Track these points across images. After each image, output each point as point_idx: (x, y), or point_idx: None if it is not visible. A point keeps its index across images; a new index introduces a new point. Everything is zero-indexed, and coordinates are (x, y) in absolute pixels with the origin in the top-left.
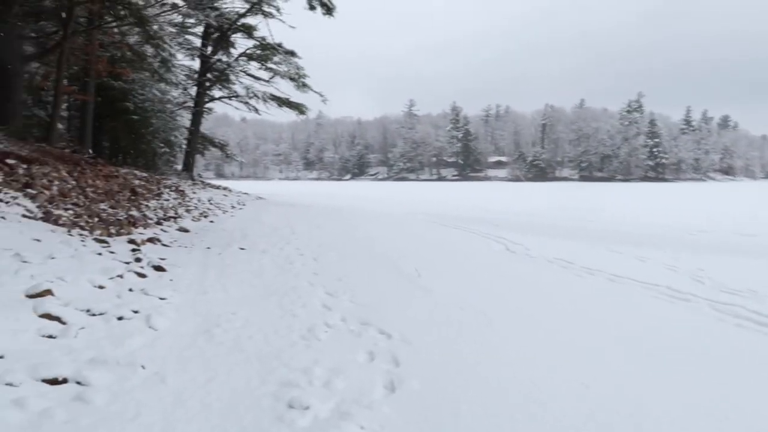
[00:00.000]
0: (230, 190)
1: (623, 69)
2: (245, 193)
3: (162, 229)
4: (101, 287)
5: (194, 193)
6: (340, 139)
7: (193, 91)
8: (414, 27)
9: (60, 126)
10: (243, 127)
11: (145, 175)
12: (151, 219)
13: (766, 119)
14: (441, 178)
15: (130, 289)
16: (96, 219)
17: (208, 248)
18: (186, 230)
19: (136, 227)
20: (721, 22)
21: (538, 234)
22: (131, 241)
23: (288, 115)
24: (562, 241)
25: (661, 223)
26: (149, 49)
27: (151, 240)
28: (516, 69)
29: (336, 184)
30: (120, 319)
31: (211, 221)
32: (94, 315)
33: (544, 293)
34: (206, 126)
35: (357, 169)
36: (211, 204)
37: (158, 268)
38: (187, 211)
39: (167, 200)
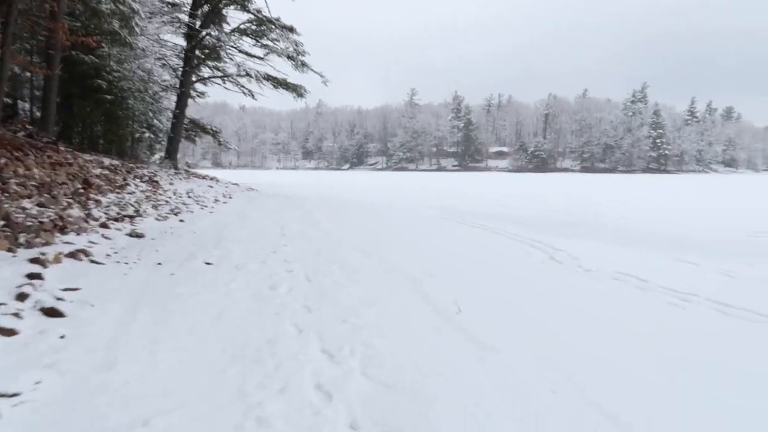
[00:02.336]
0: (217, 181)
1: (629, 60)
2: (235, 184)
3: (104, 235)
4: None
5: (171, 184)
6: (339, 128)
7: (180, 71)
8: (420, 9)
9: (21, 106)
10: (241, 115)
11: (115, 163)
12: (95, 220)
13: None
14: (441, 168)
15: None
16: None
17: (159, 264)
18: (140, 235)
19: (65, 233)
20: (728, 18)
21: (576, 236)
22: (35, 260)
23: (287, 104)
24: (611, 246)
25: (718, 223)
26: (105, 5)
27: (74, 254)
28: (521, 64)
29: (335, 174)
30: None
31: (182, 220)
32: None
33: (657, 341)
34: (203, 114)
35: (356, 158)
36: (189, 197)
37: (50, 312)
38: (155, 207)
39: (132, 193)
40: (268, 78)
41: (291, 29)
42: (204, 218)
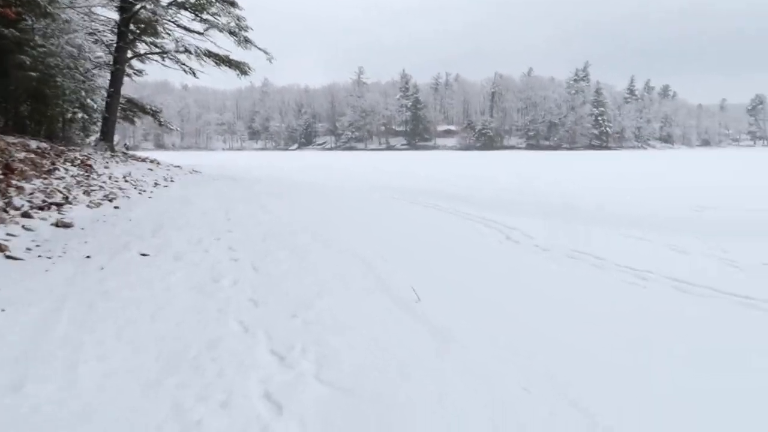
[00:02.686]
0: (158, 163)
1: (574, 40)
2: (177, 167)
3: (25, 226)
4: None
5: (107, 167)
6: (286, 107)
7: (114, 47)
8: None
9: None
10: (184, 95)
11: (44, 145)
12: (16, 209)
13: (702, 89)
14: (390, 147)
15: None
16: None
17: (88, 257)
18: (67, 225)
19: None
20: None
21: (528, 214)
22: None
23: (232, 83)
24: (564, 224)
25: (665, 202)
26: None
27: None
28: (470, 42)
29: (282, 155)
30: None
31: (117, 207)
32: None
33: (615, 320)
34: (144, 93)
35: (304, 138)
36: (126, 182)
37: None
38: (86, 193)
39: (61, 179)
40: (210, 54)
41: (232, 3)
42: (142, 204)
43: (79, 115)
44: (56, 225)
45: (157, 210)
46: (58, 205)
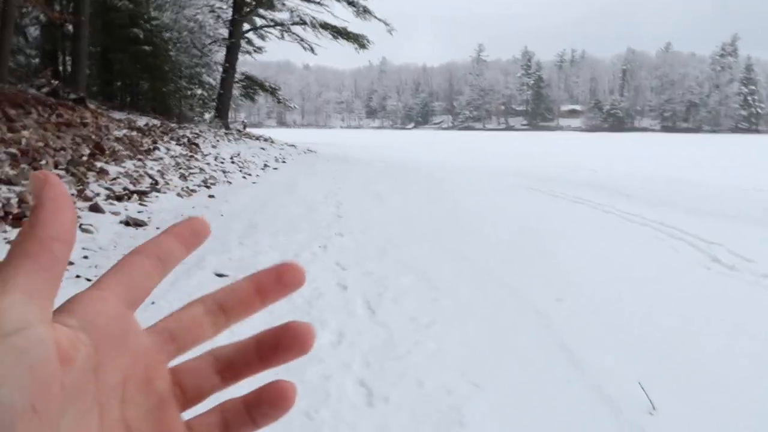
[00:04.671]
0: (273, 142)
1: (718, 10)
2: (292, 146)
3: (83, 226)
4: None
5: (214, 147)
6: (404, 86)
7: (230, 20)
8: None
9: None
10: (305, 74)
11: (155, 122)
12: (87, 200)
13: None
14: (509, 128)
15: None
16: None
17: None
18: (140, 223)
19: (21, 224)
20: None
21: (715, 217)
22: None
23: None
24: None
25: None
26: None
27: None
28: (597, 18)
29: (399, 134)
30: None
31: (212, 196)
32: None
33: None
34: (267, 73)
35: (421, 117)
36: (233, 163)
37: None
38: (183, 177)
39: (158, 160)
40: (326, 26)
41: None
42: (242, 192)
43: (198, 91)
44: (126, 223)
45: (257, 201)
46: (142, 193)
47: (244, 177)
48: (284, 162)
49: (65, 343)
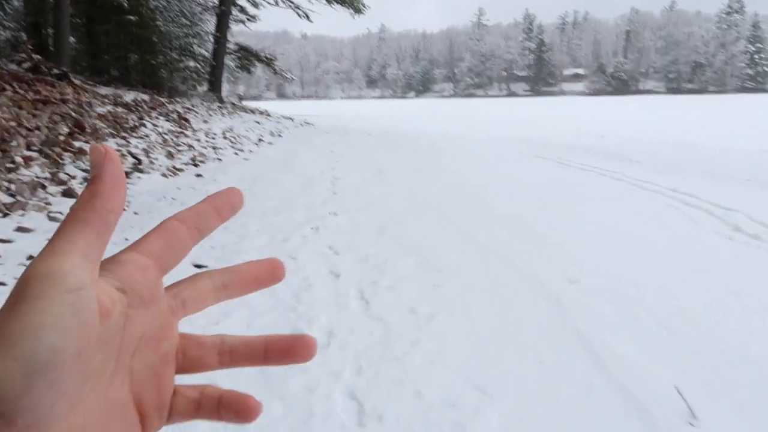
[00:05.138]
0: (269, 115)
1: None
2: (289, 118)
3: (51, 214)
4: None
5: (206, 122)
6: (403, 54)
7: None
8: None
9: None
10: (303, 44)
11: (144, 97)
12: (61, 183)
13: None
14: (511, 94)
15: None
16: None
17: None
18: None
19: None
20: None
21: (727, 180)
22: None
23: (349, 30)
24: None
25: None
26: None
27: None
28: None
29: (400, 103)
30: None
31: (199, 175)
32: None
33: None
34: (265, 43)
35: (421, 86)
36: (225, 138)
37: None
38: (170, 155)
39: (144, 137)
40: None
41: None
42: (233, 169)
43: (191, 63)
44: None
45: (247, 179)
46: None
47: (236, 153)
48: (280, 136)
49: (106, 301)
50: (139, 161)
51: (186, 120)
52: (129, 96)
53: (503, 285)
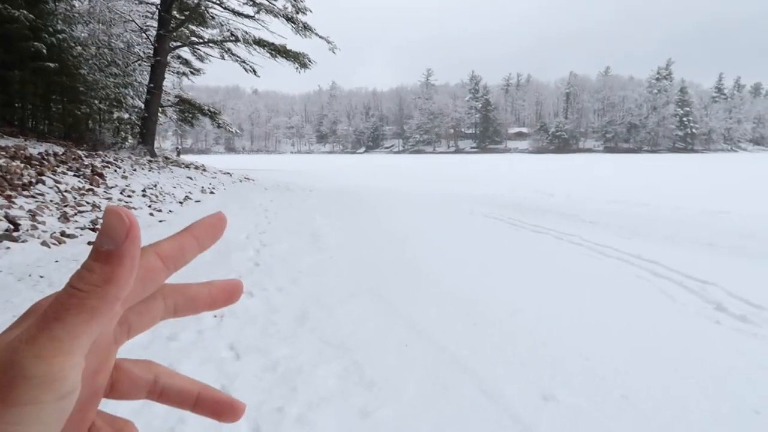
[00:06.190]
0: (204, 170)
1: (651, 33)
2: (227, 173)
3: None
4: None
5: (125, 177)
6: (354, 110)
7: (154, 36)
8: None
9: None
10: (254, 99)
11: (56, 150)
12: None
13: None
14: (459, 150)
15: None
16: None
17: None
18: None
19: None
20: None
21: (689, 246)
22: None
23: (300, 87)
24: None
25: None
26: None
27: None
28: (536, 31)
29: (350, 158)
30: None
31: (92, 242)
32: None
33: None
34: (215, 98)
35: (371, 141)
36: (144, 196)
37: None
38: (64, 217)
39: (37, 196)
40: (261, 43)
41: None
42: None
43: (125, 115)
44: None
45: None
46: None
47: (151, 214)
48: (212, 193)
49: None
50: (16, 227)
51: (100, 175)
52: (37, 149)
53: (459, 408)
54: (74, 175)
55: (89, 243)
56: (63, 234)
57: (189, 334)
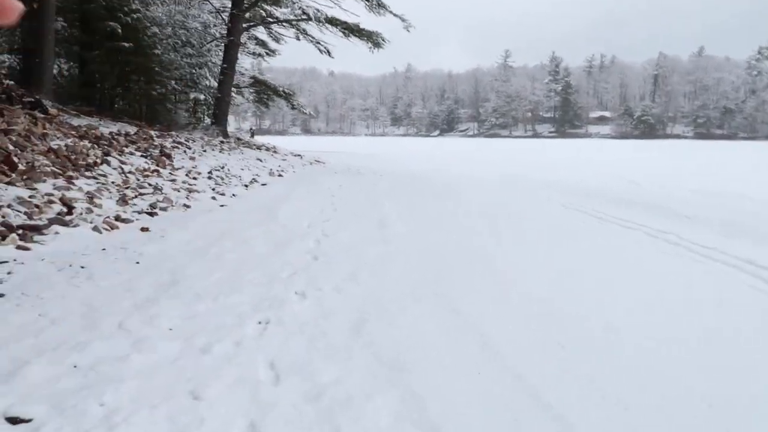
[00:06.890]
0: (275, 152)
1: (753, 13)
2: (297, 156)
3: None
4: None
5: (193, 159)
6: (429, 93)
7: (228, 16)
8: None
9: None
10: (330, 81)
11: (128, 130)
12: None
13: None
14: (536, 135)
15: None
16: None
17: None
18: None
19: None
20: None
21: None
22: None
23: (376, 69)
24: None
25: None
26: None
27: None
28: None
29: (424, 141)
30: None
31: (145, 229)
32: None
33: None
34: (293, 79)
35: (446, 124)
36: (209, 178)
37: None
38: (124, 200)
39: (100, 177)
40: (334, 22)
41: None
42: (194, 222)
43: (201, 96)
44: None
45: (206, 236)
46: (32, 229)
47: (214, 197)
48: (281, 176)
49: None
50: (70, 209)
51: (168, 156)
52: (110, 128)
53: None
54: (141, 156)
55: (142, 229)
56: (117, 218)
57: (225, 346)
